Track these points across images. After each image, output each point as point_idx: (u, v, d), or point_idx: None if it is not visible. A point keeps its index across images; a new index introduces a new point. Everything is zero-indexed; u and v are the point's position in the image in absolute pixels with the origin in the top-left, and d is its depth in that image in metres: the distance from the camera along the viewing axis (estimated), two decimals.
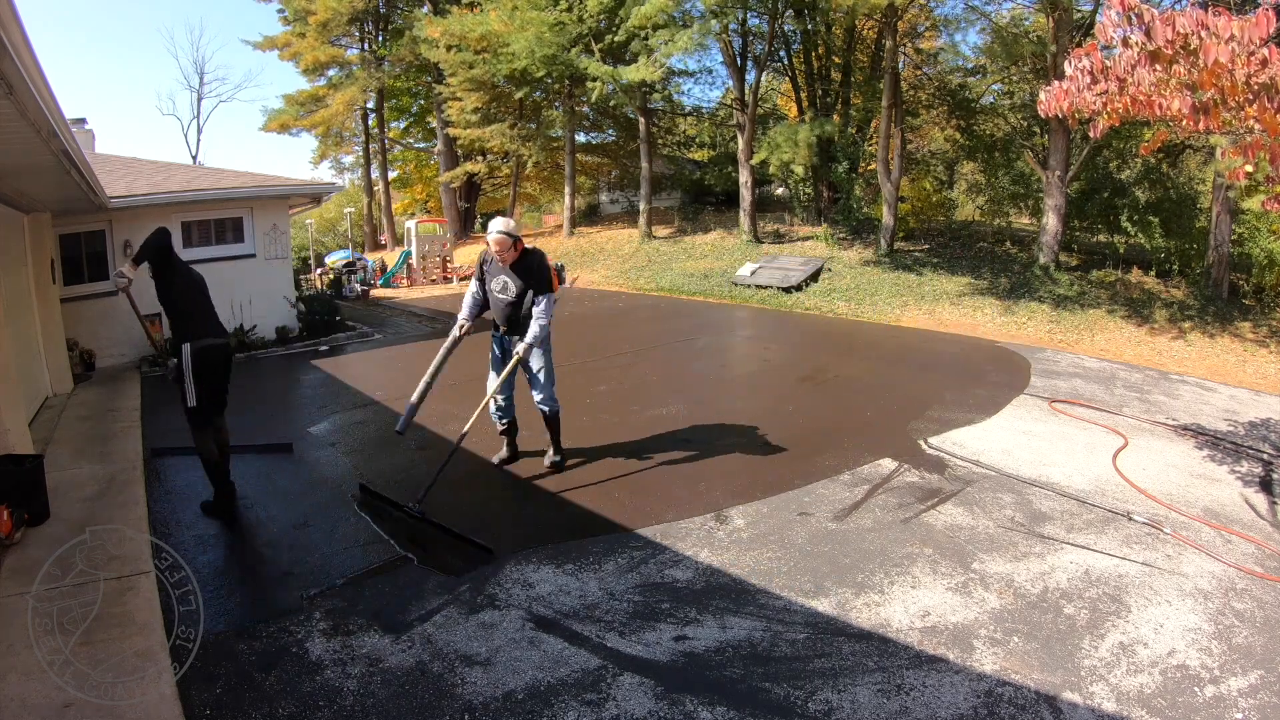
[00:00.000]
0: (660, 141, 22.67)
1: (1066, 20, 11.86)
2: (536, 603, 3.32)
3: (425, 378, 4.48)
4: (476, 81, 20.03)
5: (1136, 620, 3.16)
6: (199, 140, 37.64)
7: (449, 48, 19.36)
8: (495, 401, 4.77)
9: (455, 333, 4.57)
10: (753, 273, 14.83)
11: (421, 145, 28.66)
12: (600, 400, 6.74)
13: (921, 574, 3.55)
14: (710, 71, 26.19)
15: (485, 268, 4.58)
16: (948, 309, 11.92)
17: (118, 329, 9.20)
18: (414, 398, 4.42)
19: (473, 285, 4.66)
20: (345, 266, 18.91)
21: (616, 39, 16.47)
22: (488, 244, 4.45)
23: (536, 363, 4.61)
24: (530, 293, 4.42)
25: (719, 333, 10.85)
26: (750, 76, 17.34)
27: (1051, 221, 12.68)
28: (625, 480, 4.78)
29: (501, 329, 4.66)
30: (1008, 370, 7.91)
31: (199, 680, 2.77)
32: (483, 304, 4.67)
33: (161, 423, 6.38)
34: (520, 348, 4.38)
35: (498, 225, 4.39)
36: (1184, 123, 3.28)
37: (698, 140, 24.28)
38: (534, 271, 4.44)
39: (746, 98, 17.10)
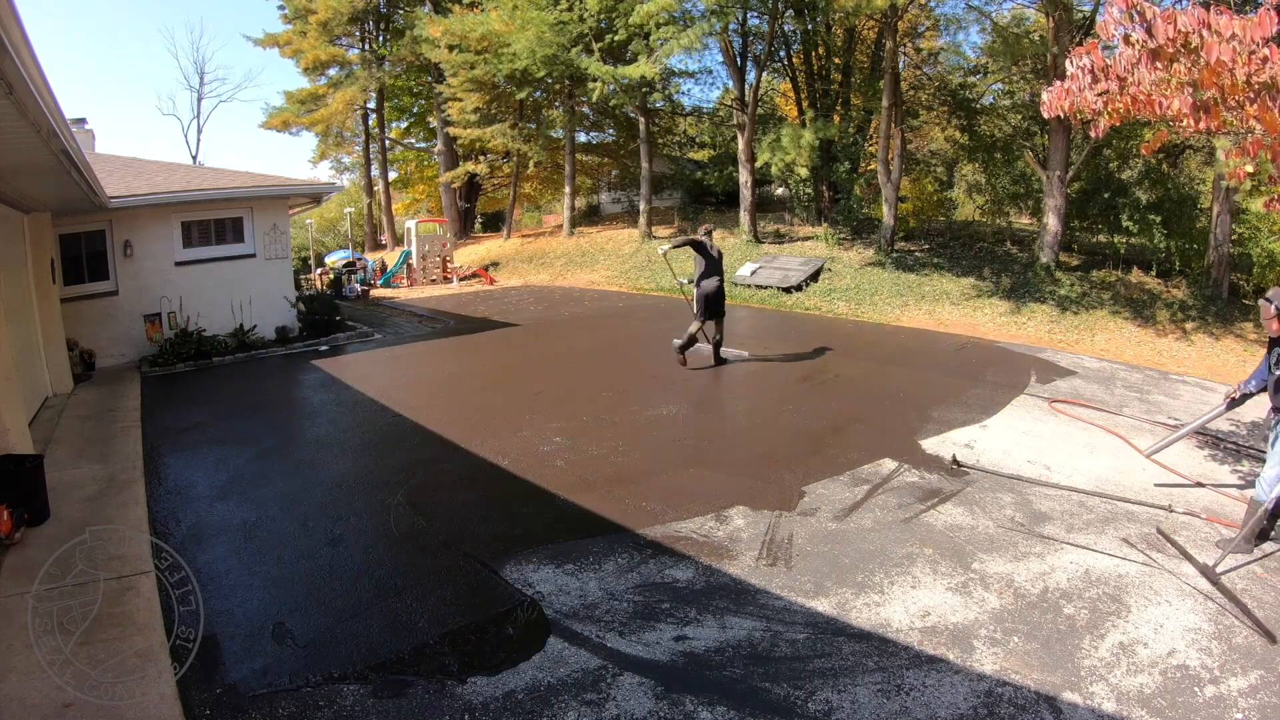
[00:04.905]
0: (660, 141, 22.64)
1: (1067, 20, 11.85)
2: (537, 602, 3.32)
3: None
4: (477, 81, 20.03)
5: (1136, 620, 3.15)
6: (199, 140, 37.56)
7: (450, 48, 19.36)
8: None
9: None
10: (753, 272, 14.82)
11: (422, 145, 28.66)
12: (601, 400, 6.74)
13: (921, 574, 3.55)
14: (710, 72, 26.31)
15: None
16: (948, 309, 11.91)
17: (118, 329, 9.21)
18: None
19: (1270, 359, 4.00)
20: (345, 266, 18.94)
21: (617, 38, 16.47)
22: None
23: None
24: None
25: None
26: (750, 76, 17.32)
27: (1052, 221, 12.66)
28: (625, 480, 4.77)
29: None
30: (1008, 370, 7.90)
31: (199, 680, 2.77)
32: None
33: (161, 422, 6.38)
34: None
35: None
36: (1184, 122, 3.29)
37: (698, 140, 24.25)
38: None
39: (746, 98, 17.08)
